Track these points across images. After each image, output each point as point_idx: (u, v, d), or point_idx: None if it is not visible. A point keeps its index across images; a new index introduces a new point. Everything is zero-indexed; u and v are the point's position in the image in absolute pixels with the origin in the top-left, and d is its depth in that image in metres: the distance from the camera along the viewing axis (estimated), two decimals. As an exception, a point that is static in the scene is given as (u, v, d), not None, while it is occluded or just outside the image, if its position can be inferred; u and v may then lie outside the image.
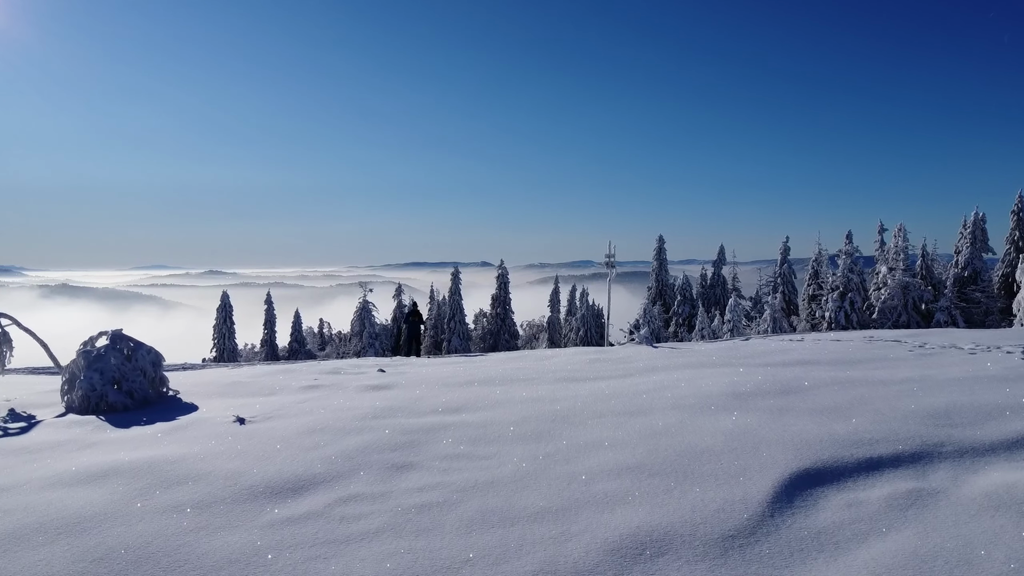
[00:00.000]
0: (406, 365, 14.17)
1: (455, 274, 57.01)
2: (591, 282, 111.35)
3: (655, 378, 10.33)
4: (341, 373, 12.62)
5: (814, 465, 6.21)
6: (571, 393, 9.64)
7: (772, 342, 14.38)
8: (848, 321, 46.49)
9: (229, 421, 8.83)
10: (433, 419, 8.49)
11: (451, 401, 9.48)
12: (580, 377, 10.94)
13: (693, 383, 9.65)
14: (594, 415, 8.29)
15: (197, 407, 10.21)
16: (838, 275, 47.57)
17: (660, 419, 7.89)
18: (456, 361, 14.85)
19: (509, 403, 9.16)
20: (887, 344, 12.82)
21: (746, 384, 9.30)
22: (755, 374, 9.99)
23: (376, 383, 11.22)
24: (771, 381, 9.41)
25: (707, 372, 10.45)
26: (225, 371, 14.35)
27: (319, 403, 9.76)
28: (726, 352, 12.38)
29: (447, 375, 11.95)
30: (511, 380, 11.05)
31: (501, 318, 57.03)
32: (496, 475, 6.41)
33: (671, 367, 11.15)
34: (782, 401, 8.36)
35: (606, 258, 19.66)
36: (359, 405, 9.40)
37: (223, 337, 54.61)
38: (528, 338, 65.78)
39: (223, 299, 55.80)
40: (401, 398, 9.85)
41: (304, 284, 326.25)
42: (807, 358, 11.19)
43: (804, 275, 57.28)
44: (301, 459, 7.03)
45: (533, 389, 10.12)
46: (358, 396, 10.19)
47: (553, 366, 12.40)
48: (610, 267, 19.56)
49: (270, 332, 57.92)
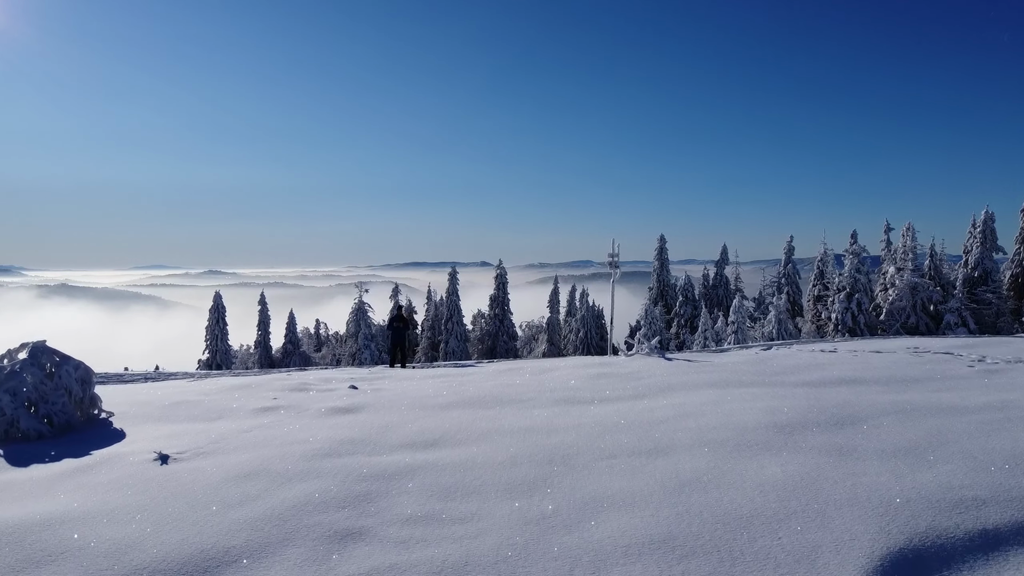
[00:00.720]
0: (385, 379, 12.38)
1: (452, 274, 55.19)
2: (591, 282, 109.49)
3: (673, 400, 8.53)
4: (307, 390, 10.82)
5: (909, 542, 4.41)
6: (572, 421, 7.84)
7: (801, 353, 12.57)
8: (855, 323, 44.69)
9: (150, 459, 7.04)
10: (400, 458, 6.70)
11: (426, 431, 7.69)
12: (583, 398, 9.13)
13: (721, 408, 7.85)
14: (601, 454, 6.50)
15: (124, 435, 8.41)
16: (844, 275, 45.77)
17: (687, 461, 6.10)
18: (442, 373, 13.05)
19: (496, 435, 7.37)
20: (940, 358, 10.99)
21: (787, 411, 7.51)
22: (795, 397, 8.19)
23: (343, 404, 9.42)
24: (817, 407, 7.61)
25: (735, 393, 8.64)
26: (182, 385, 12.57)
27: (269, 432, 7.98)
28: (752, 366, 10.56)
29: (428, 393, 10.16)
30: (501, 401, 9.25)
31: (499, 319, 55.22)
32: (472, 552, 4.62)
33: (690, 386, 9.35)
34: (839, 437, 6.56)
35: (609, 258, 17.79)
36: (314, 436, 7.62)
37: (216, 339, 52.83)
38: (527, 339, 63.96)
39: (216, 300, 54.02)
40: (367, 426, 8.05)
41: (304, 284, 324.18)
42: (851, 375, 9.38)
43: (808, 275, 55.50)
44: (218, 522, 5.23)
45: (527, 415, 8.33)
46: (317, 423, 8.40)
47: (552, 382, 10.62)
48: (614, 267, 17.65)
49: (264, 333, 56.15)
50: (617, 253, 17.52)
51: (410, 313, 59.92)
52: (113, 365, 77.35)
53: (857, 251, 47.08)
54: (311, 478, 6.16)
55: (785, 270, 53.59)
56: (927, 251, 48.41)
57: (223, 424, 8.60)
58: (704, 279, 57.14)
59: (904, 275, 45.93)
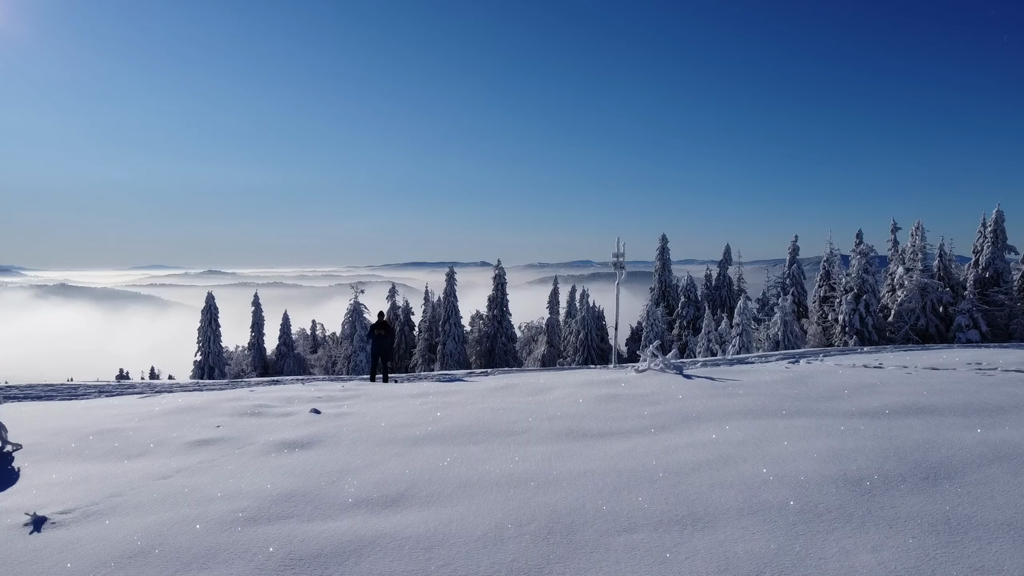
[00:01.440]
0: (359, 398, 10.58)
1: (450, 274, 53.33)
2: (590, 282, 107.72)
3: (701, 436, 6.73)
4: (260, 415, 9.02)
5: None
6: (577, 465, 6.05)
7: (841, 369, 10.68)
8: (863, 324, 42.92)
9: (19, 524, 5.27)
10: (348, 526, 4.92)
11: (390, 480, 5.91)
12: (589, 430, 7.34)
13: (766, 451, 6.06)
14: (617, 524, 4.72)
15: (15, 479, 6.62)
16: (852, 276, 43.98)
17: (737, 540, 4.33)
18: (425, 391, 11.24)
19: (479, 488, 5.59)
20: (1016, 377, 9.13)
21: (855, 456, 5.72)
22: (858, 434, 6.40)
23: (296, 437, 7.63)
24: (893, 451, 5.82)
25: (779, 427, 6.84)
26: (125, 406, 10.77)
27: (191, 480, 6.20)
28: (790, 387, 8.75)
29: (402, 420, 8.38)
30: (490, 432, 7.47)
31: (498, 320, 53.39)
32: None
33: (719, 414, 7.56)
34: (939, 499, 4.78)
35: (614, 257, 15.95)
36: (246, 488, 5.84)
37: (208, 340, 51.05)
38: (526, 340, 62.16)
39: (208, 301, 52.18)
40: (317, 471, 6.27)
41: (303, 284, 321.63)
42: (916, 401, 7.58)
43: (813, 276, 53.72)
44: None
45: (520, 454, 6.55)
46: (256, 465, 6.61)
47: (552, 405, 8.83)
48: (619, 268, 15.74)
49: (258, 335, 54.39)
50: (622, 252, 15.60)
51: (393, 321, 57.93)
52: (110, 366, 75.42)
53: (865, 251, 45.30)
54: (217, 562, 4.38)
55: (790, 271, 51.78)
56: (936, 251, 46.61)
57: (142, 464, 6.83)
58: (707, 280, 55.37)
59: (913, 276, 44.16)
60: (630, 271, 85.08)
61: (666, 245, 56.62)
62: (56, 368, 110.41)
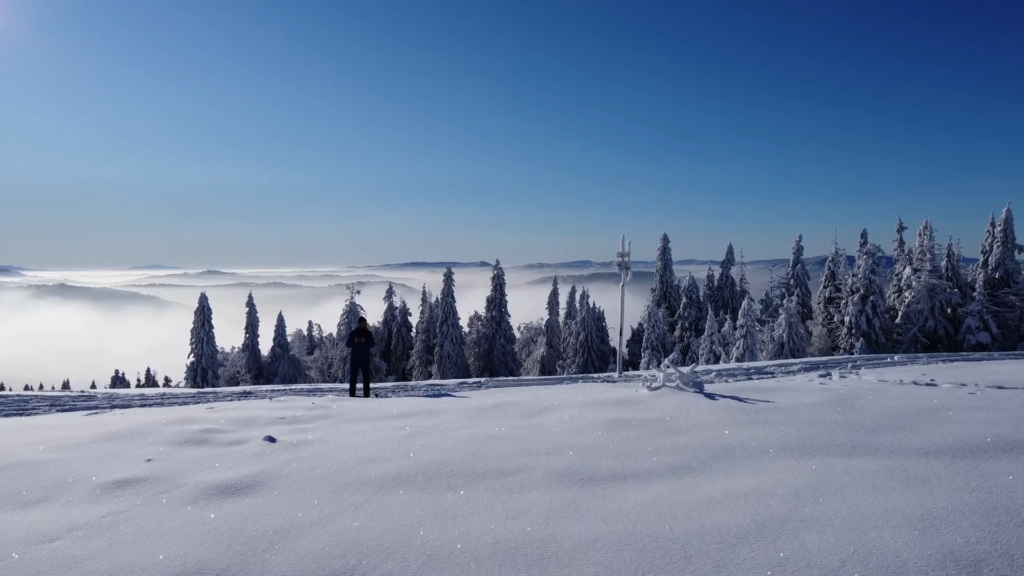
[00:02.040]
0: (327, 419, 9.06)
1: (448, 275, 51.79)
2: (590, 283, 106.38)
3: (741, 483, 5.24)
4: (205, 443, 7.53)
5: None
6: (584, 530, 4.57)
7: (891, 388, 9.04)
8: (870, 326, 41.45)
9: None
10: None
11: (337, 547, 4.43)
12: (597, 471, 5.83)
13: (830, 508, 4.58)
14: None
15: None
16: (858, 277, 42.51)
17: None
18: (406, 410, 9.69)
19: (451, 565, 4.12)
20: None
21: (953, 519, 4.23)
22: (944, 483, 4.90)
23: (237, 476, 6.14)
24: (1003, 510, 4.33)
25: (838, 469, 5.34)
26: (70, 425, 9.27)
27: (84, 545, 4.71)
28: (835, 412, 7.20)
29: (371, 451, 6.89)
30: (473, 472, 5.98)
31: (496, 322, 51.88)
32: None
33: (758, 448, 6.06)
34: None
35: (619, 257, 14.36)
36: (146, 561, 4.36)
37: (201, 342, 49.54)
38: (525, 341, 60.68)
39: (201, 301, 50.71)
40: (248, 529, 4.80)
41: (303, 284, 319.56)
42: (1001, 434, 6.02)
43: (817, 276, 52.25)
44: None
45: (509, 508, 5.06)
46: (175, 519, 5.12)
47: (550, 433, 7.34)
48: (624, 268, 14.12)
49: (252, 336, 52.89)
50: (628, 252, 13.97)
51: (391, 322, 56.33)
52: (108, 367, 73.80)
53: (872, 251, 43.81)
54: None
55: (794, 271, 50.30)
56: (943, 252, 45.12)
57: (33, 517, 5.34)
58: (708, 280, 53.88)
59: (922, 276, 42.68)
60: (633, 271, 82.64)
61: (667, 245, 55.15)
62: (54, 369, 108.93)
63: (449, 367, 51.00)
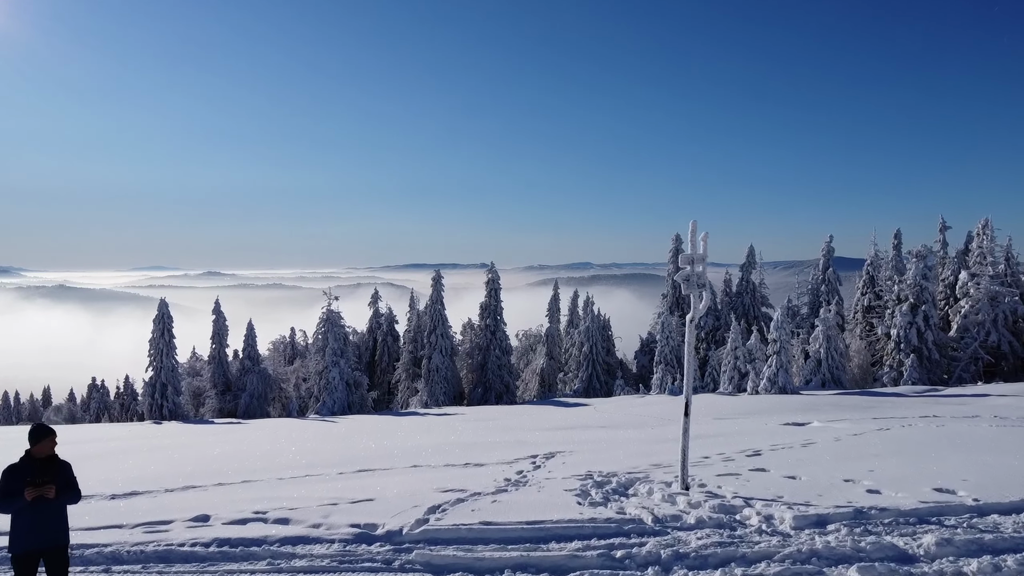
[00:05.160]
0: None
1: (436, 279, 45.12)
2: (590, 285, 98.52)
3: None
4: None
5: None
6: None
7: None
8: (921, 340, 34.80)
9: None
10: None
11: None
12: None
13: None
14: None
15: None
16: (907, 283, 35.86)
17: None
18: None
19: None
20: None
21: None
22: None
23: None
24: None
25: None
26: None
27: None
28: None
29: None
30: None
31: (491, 331, 45.18)
32: None
33: None
34: None
35: (686, 265, 7.24)
36: None
37: (160, 354, 42.74)
38: (524, 350, 53.88)
39: (161, 308, 43.90)
40: None
41: (302, 286, 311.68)
42: None
43: (848, 281, 45.58)
44: None
45: None
46: None
47: None
48: (696, 286, 7.12)
49: (219, 347, 46.09)
50: (704, 255, 7.11)
51: (361, 336, 49.06)
52: (91, 371, 66.72)
53: (923, 253, 36.97)
54: None
55: (825, 275, 43.60)
56: (1003, 253, 38.23)
57: None
58: (726, 285, 47.23)
59: (981, 283, 35.90)
60: (632, 273, 74.02)
61: (680, 246, 48.48)
62: (39, 373, 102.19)
63: (438, 382, 44.27)
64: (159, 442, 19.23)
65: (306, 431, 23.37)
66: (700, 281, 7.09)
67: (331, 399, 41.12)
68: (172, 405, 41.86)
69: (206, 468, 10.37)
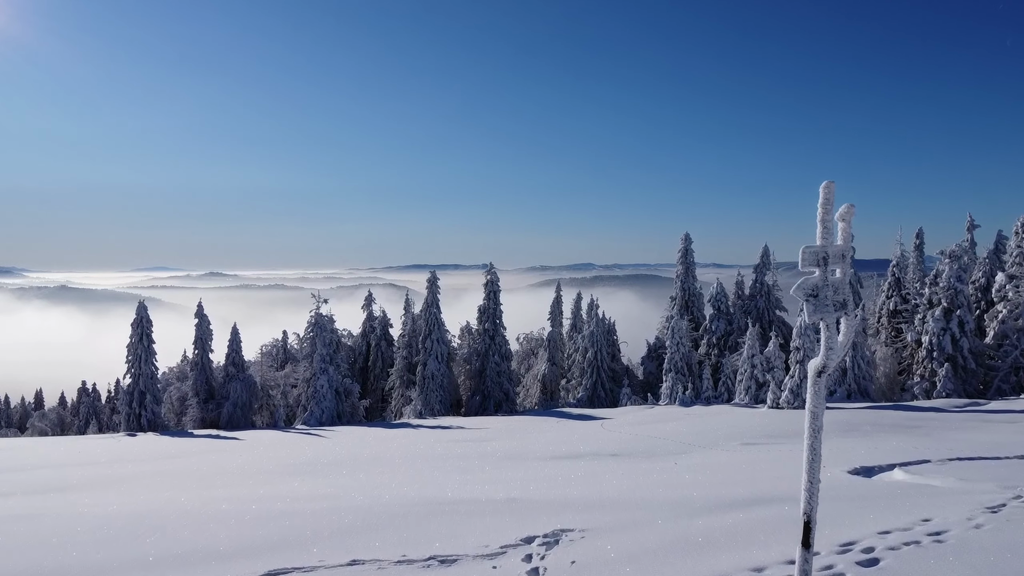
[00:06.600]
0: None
1: (432, 281, 41.97)
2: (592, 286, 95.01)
3: None
4: None
5: None
6: None
7: None
8: (956, 348, 31.57)
9: None
10: None
11: None
12: None
13: None
14: None
15: None
16: (940, 286, 32.64)
17: None
18: None
19: None
20: None
21: None
22: None
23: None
24: None
25: None
26: None
27: None
28: None
29: None
30: None
31: (490, 335, 42.02)
32: None
33: None
34: None
35: (805, 253, 4.34)
36: None
37: (139, 360, 39.63)
38: (525, 354, 50.73)
39: (139, 312, 40.79)
40: None
41: (304, 286, 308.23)
42: None
43: (872, 283, 42.34)
44: None
45: None
46: None
47: None
48: (840, 308, 4.26)
49: (202, 353, 42.90)
50: (852, 250, 4.72)
51: (369, 333, 46.03)
52: (85, 373, 63.57)
53: (957, 253, 33.62)
54: None
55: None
56: None
57: None
58: (738, 287, 43.99)
59: (1021, 285, 32.66)
60: (634, 274, 69.65)
61: (689, 246, 45.31)
62: (32, 375, 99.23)
63: (433, 389, 41.11)
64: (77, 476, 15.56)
65: (254, 452, 19.67)
66: (840, 297, 3.85)
67: (319, 408, 37.99)
68: (151, 415, 38.76)
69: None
